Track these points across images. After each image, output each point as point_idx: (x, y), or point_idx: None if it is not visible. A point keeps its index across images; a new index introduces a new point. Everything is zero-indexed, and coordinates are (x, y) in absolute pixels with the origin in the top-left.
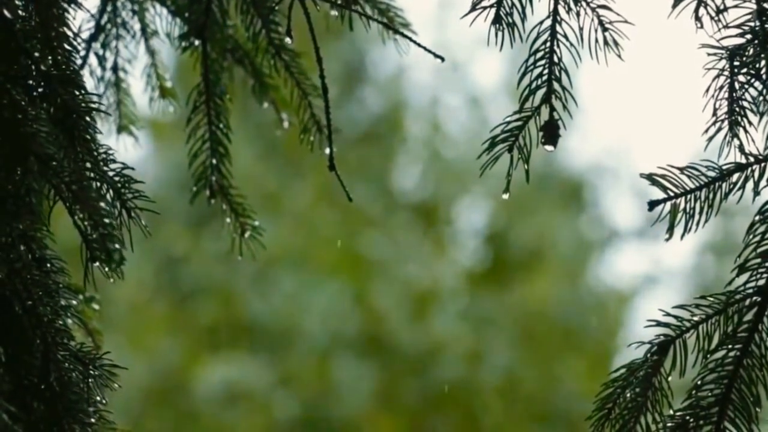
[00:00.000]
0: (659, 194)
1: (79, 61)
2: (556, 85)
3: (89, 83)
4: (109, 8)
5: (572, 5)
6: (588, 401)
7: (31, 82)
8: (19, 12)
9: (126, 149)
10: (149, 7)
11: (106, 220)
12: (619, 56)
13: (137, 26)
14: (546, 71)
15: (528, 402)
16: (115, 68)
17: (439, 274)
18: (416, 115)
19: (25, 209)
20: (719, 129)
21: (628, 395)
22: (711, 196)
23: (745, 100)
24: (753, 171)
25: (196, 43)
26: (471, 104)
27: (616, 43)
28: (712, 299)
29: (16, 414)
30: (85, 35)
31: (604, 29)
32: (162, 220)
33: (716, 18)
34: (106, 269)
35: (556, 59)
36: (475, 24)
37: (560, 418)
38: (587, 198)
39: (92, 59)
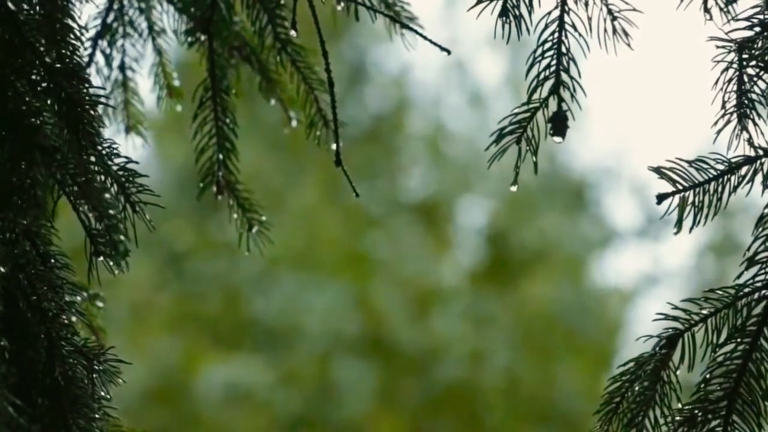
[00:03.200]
0: (665, 188)
1: (85, 57)
2: (564, 76)
3: (96, 82)
4: (115, 6)
5: None
6: (588, 401)
7: (35, 75)
8: (23, 5)
9: (135, 149)
10: (156, 4)
11: (111, 212)
12: (629, 45)
13: (144, 24)
14: (554, 62)
15: (529, 402)
16: (122, 67)
17: (441, 274)
18: (418, 115)
19: (30, 203)
20: (728, 122)
21: (637, 389)
22: (720, 189)
23: (754, 92)
24: (762, 164)
25: (202, 38)
26: (473, 103)
27: (625, 33)
28: (720, 293)
29: (21, 406)
30: (91, 33)
31: (613, 18)
32: (163, 219)
33: (725, 10)
34: (111, 262)
35: (564, 49)
36: (479, 22)
37: (561, 417)
38: (588, 198)
39: (99, 58)
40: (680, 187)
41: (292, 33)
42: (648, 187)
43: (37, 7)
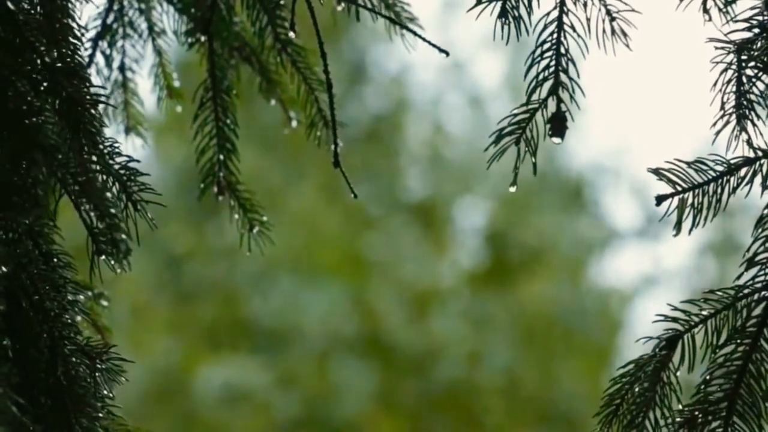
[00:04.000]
0: (664, 189)
1: (85, 58)
2: (563, 77)
3: (96, 83)
4: (115, 7)
5: None
6: (588, 401)
7: (36, 75)
8: (23, 4)
9: (135, 149)
10: (156, 5)
11: (112, 211)
12: (627, 46)
13: (144, 25)
14: (553, 62)
15: (528, 402)
16: (122, 68)
17: (440, 274)
18: (417, 116)
19: (32, 203)
20: (727, 123)
21: (637, 390)
22: (719, 190)
23: (753, 93)
24: (761, 165)
25: (203, 39)
26: (472, 104)
27: (624, 33)
28: (720, 294)
29: (25, 406)
30: (91, 34)
31: (612, 19)
32: (163, 220)
33: (724, 11)
34: (113, 262)
35: (563, 50)
36: (479, 24)
37: (560, 418)
38: (587, 198)
39: (99, 58)
40: (679, 189)
41: (291, 34)
42: (648, 187)
43: (38, 7)
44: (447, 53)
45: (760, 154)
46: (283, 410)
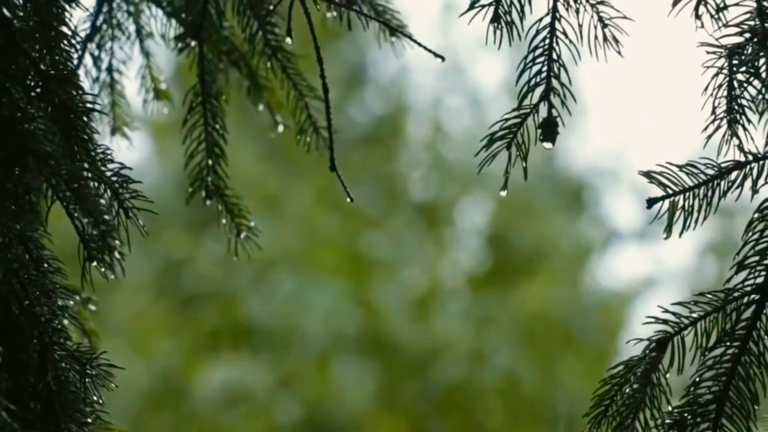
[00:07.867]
0: (658, 192)
1: (75, 62)
2: (555, 82)
3: (84, 84)
4: (104, 9)
5: (571, 2)
6: (588, 403)
7: (29, 81)
8: (18, 11)
9: (119, 151)
10: (144, 8)
11: (106, 217)
12: (619, 53)
13: (132, 27)
14: (545, 68)
15: (529, 403)
16: (110, 69)
17: (441, 275)
18: (418, 117)
19: (25, 208)
20: (718, 127)
21: (627, 392)
22: (710, 194)
23: (744, 98)
24: (752, 169)
25: (193, 44)
26: (473, 106)
27: (615, 40)
28: (710, 296)
29: (16, 411)
30: (80, 36)
31: (604, 25)
32: (162, 224)
33: (716, 16)
34: (103, 268)
35: (555, 56)
36: (478, 27)
37: (561, 419)
38: (588, 199)
39: (87, 60)
40: (670, 192)
41: (288, 40)
42: (648, 189)
43: (31, 13)
44: (443, 58)
45: (750, 158)
46: (284, 411)
